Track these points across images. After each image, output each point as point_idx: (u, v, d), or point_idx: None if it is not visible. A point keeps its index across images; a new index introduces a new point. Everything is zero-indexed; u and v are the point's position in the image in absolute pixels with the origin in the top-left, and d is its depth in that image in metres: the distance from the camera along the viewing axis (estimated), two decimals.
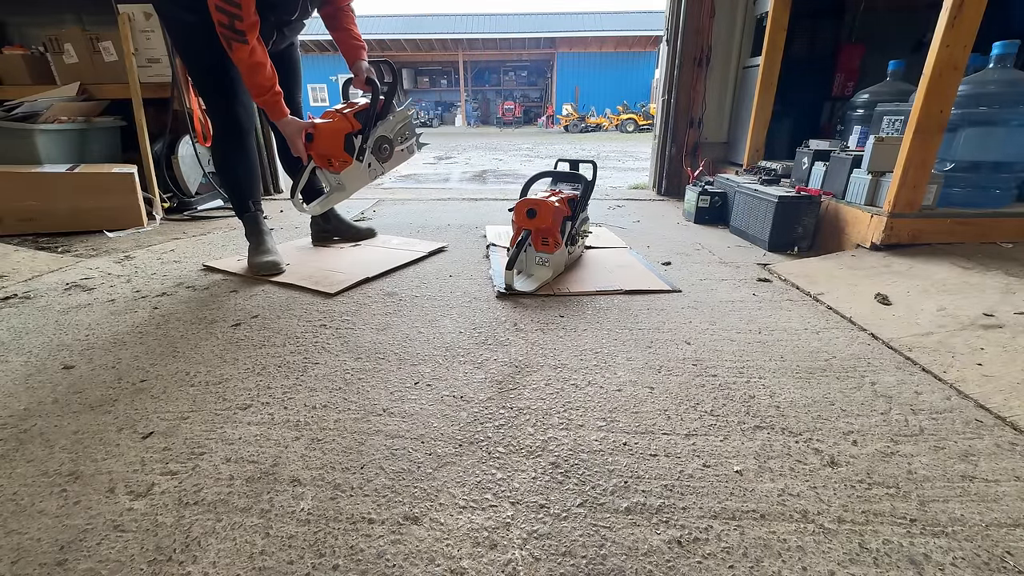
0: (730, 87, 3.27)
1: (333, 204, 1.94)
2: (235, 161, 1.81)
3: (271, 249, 1.83)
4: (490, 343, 1.27)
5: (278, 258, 1.79)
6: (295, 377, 1.11)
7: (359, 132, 1.77)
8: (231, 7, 1.41)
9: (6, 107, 2.47)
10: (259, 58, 1.51)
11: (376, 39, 19.31)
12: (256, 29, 1.48)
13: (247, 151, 1.82)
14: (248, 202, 1.86)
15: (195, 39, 1.60)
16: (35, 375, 1.12)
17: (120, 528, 0.71)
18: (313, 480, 0.80)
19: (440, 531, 0.71)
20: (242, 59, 1.49)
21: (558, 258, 1.72)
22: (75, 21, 3.05)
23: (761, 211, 2.15)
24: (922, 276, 1.61)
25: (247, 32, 1.45)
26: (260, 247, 1.82)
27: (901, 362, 1.17)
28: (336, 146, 1.73)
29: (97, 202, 2.36)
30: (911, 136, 1.71)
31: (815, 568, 0.65)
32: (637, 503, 0.76)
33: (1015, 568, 0.64)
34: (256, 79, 1.54)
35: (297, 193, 1.79)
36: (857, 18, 3.03)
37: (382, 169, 1.90)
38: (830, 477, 0.80)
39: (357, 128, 1.76)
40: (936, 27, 1.61)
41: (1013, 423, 0.93)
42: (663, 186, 3.52)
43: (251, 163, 1.84)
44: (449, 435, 0.91)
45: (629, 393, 1.05)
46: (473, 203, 3.24)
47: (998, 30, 1.90)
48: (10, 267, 1.83)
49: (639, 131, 15.87)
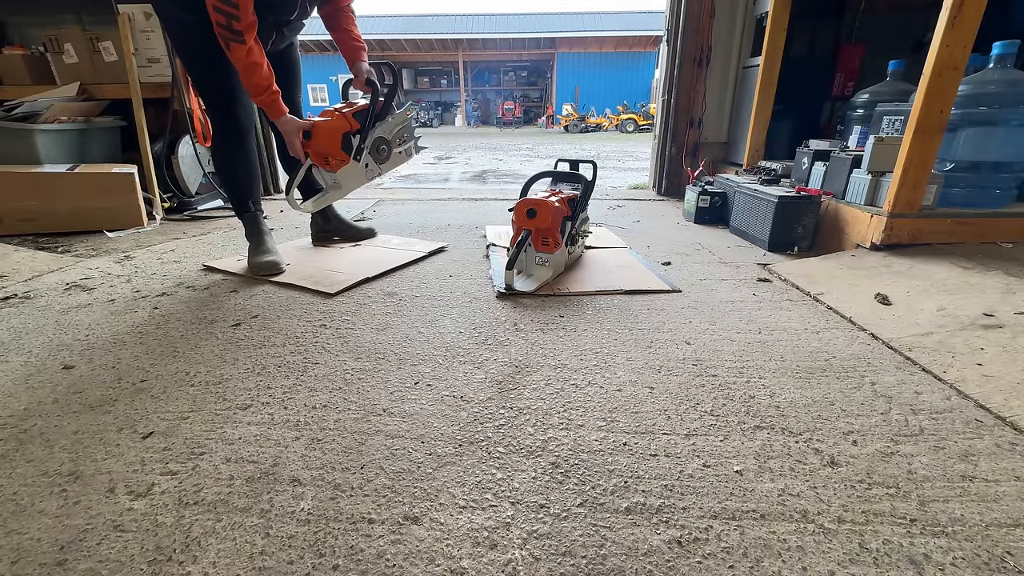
0: (730, 87, 3.27)
1: (329, 202, 1.94)
2: (235, 161, 1.81)
3: (271, 249, 1.83)
4: (490, 343, 1.27)
5: (278, 258, 1.79)
6: (295, 377, 1.11)
7: (357, 132, 1.77)
8: (229, 7, 1.41)
9: (6, 107, 2.47)
10: (256, 58, 1.51)
11: (376, 39, 19.31)
12: (254, 29, 1.49)
13: (247, 151, 1.82)
14: (248, 202, 1.86)
15: (195, 39, 1.60)
16: (35, 375, 1.12)
17: (120, 528, 0.71)
18: (313, 480, 0.80)
19: (440, 531, 0.71)
20: (239, 59, 1.50)
21: (558, 258, 1.72)
22: (75, 21, 3.05)
23: (761, 211, 2.15)
24: (922, 276, 1.60)
25: (245, 32, 1.46)
26: (260, 247, 1.82)
27: (901, 362, 1.17)
28: (333, 144, 1.73)
29: (97, 202, 2.36)
30: (911, 136, 1.71)
31: (815, 568, 0.65)
32: (637, 503, 0.76)
33: (1015, 568, 0.64)
34: (253, 78, 1.54)
35: (293, 189, 1.79)
36: (857, 18, 3.03)
37: (379, 170, 1.90)
38: (830, 477, 0.80)
39: (355, 128, 1.76)
40: (936, 27, 1.61)
41: (1013, 423, 0.93)
42: (663, 186, 3.52)
43: (251, 163, 1.84)
44: (449, 435, 0.91)
45: (629, 393, 1.05)
46: (473, 203, 3.24)
47: (998, 30, 1.90)
48: (10, 267, 1.83)
49: (639, 131, 15.86)
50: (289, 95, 1.89)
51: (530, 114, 22.37)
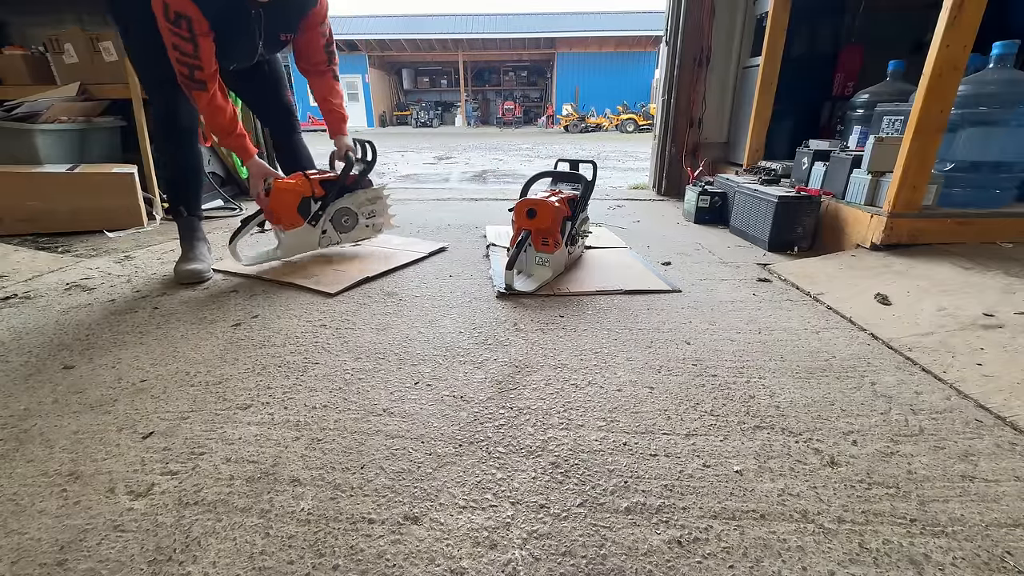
0: (730, 87, 3.27)
1: (271, 260, 1.86)
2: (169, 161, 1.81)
3: (198, 256, 1.76)
4: (490, 343, 1.27)
5: (203, 266, 1.74)
6: (295, 377, 1.11)
7: (320, 198, 1.81)
8: (191, 59, 1.46)
9: (6, 107, 2.46)
10: (219, 102, 1.56)
11: (376, 39, 19.33)
12: (216, 78, 1.54)
13: (185, 151, 1.78)
14: (179, 207, 1.81)
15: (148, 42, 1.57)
16: (35, 375, 1.12)
17: (120, 528, 0.71)
18: (313, 480, 0.80)
19: (440, 531, 0.71)
20: (203, 106, 1.55)
21: (558, 258, 1.72)
22: (75, 21, 3.05)
23: (761, 211, 2.15)
24: (922, 276, 1.61)
25: (208, 81, 1.51)
26: (187, 254, 1.77)
27: (901, 362, 1.17)
28: (288, 206, 1.76)
29: (97, 202, 2.36)
30: (911, 136, 1.71)
31: (815, 568, 0.65)
32: (637, 503, 0.75)
33: (1015, 568, 0.64)
34: (218, 122, 1.59)
35: (237, 241, 1.72)
36: (857, 18, 3.03)
37: (339, 239, 1.94)
38: (830, 477, 0.80)
39: (319, 194, 1.80)
40: (936, 27, 1.61)
41: (1013, 423, 0.93)
42: (663, 186, 3.52)
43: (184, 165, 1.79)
44: (449, 435, 0.91)
45: (629, 393, 1.05)
46: (473, 203, 3.24)
47: (998, 30, 1.90)
48: (10, 267, 1.83)
49: (639, 131, 15.86)
50: (276, 97, 1.91)
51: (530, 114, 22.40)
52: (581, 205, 1.80)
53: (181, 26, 1.41)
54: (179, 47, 1.44)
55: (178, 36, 1.43)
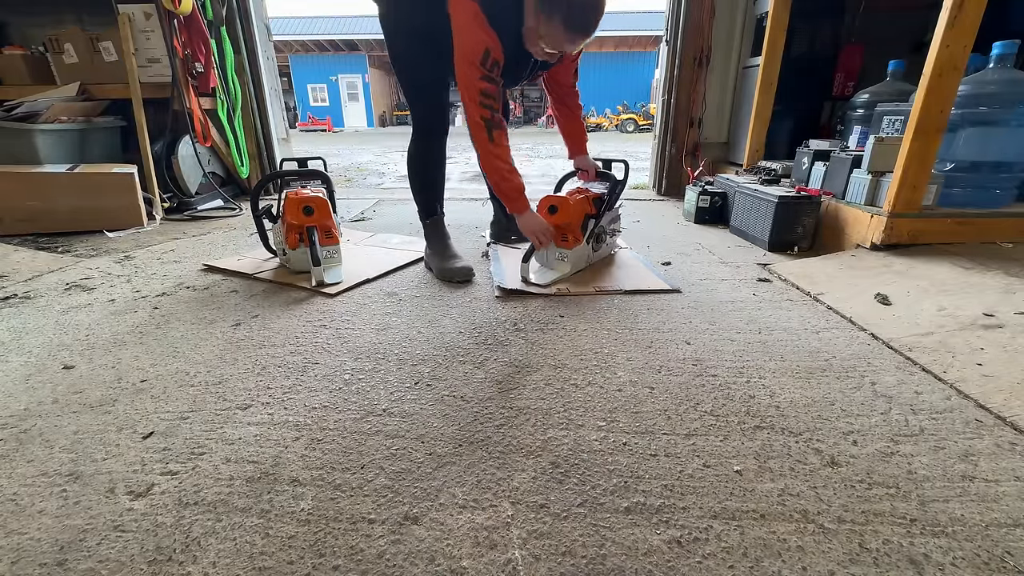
0: (730, 87, 3.27)
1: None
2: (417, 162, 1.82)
3: (456, 254, 1.80)
4: (490, 343, 1.27)
5: (469, 263, 1.77)
6: (295, 377, 1.11)
7: (593, 216, 1.79)
8: (490, 100, 1.46)
9: (6, 107, 2.46)
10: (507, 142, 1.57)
11: (376, 39, 19.31)
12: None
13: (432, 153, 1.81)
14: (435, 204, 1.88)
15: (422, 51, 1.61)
16: (35, 375, 1.12)
17: (120, 528, 0.71)
18: (313, 480, 0.80)
19: (440, 531, 0.71)
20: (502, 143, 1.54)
21: (578, 254, 1.74)
22: (75, 21, 3.05)
23: (761, 211, 2.15)
24: (922, 276, 1.60)
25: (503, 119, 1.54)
26: (445, 252, 1.80)
27: (901, 362, 1.17)
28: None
29: (97, 202, 2.36)
30: (911, 136, 1.71)
31: (815, 568, 0.65)
32: (637, 503, 0.75)
33: (1015, 568, 0.64)
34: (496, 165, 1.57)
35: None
36: (857, 18, 3.03)
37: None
38: (830, 477, 0.80)
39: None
40: (936, 27, 1.61)
41: (1013, 423, 0.93)
42: (663, 186, 3.52)
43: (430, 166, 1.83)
44: (449, 435, 0.91)
45: (629, 393, 1.05)
46: (473, 203, 3.24)
47: (998, 30, 1.90)
48: (10, 267, 1.83)
49: (639, 131, 15.87)
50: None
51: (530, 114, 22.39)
52: (608, 204, 1.82)
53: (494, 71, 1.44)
54: (487, 91, 1.45)
55: (488, 80, 1.44)
